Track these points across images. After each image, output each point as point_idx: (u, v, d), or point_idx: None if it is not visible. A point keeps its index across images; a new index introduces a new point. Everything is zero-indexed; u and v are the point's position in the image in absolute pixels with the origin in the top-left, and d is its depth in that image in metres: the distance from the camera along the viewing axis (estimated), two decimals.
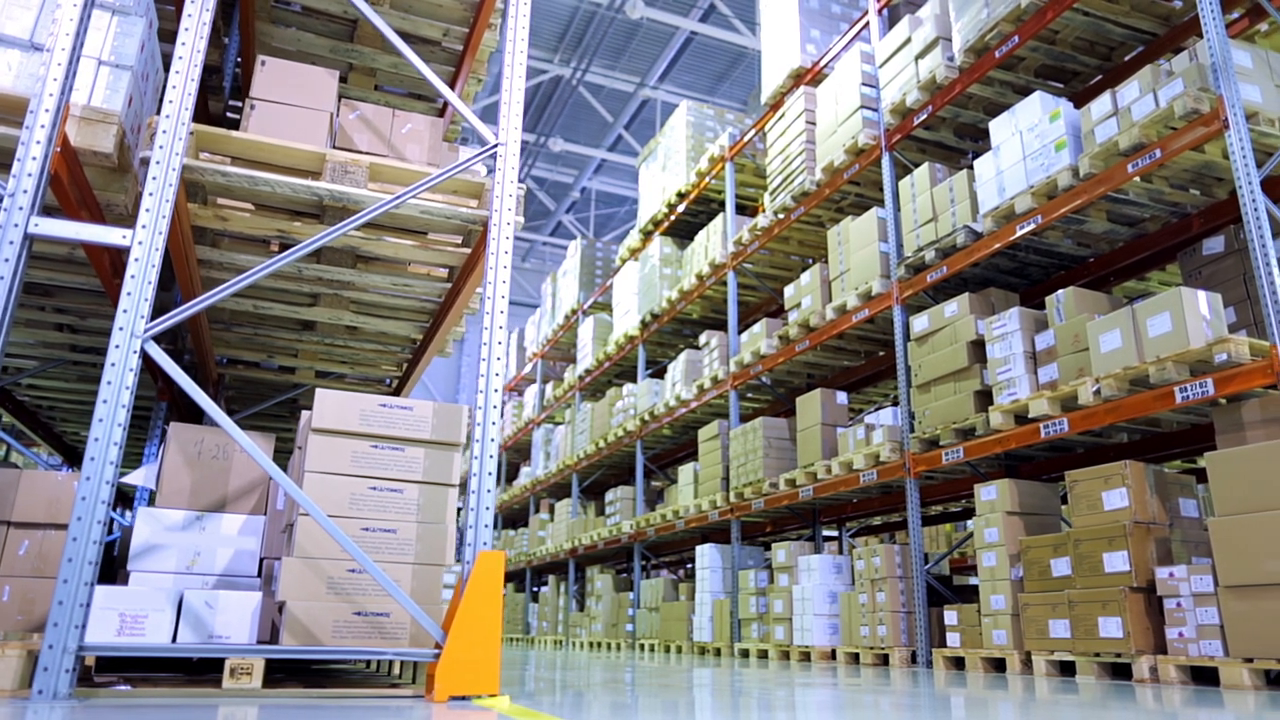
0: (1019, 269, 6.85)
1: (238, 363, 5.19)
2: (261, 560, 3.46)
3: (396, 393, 5.34)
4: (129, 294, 2.57)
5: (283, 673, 3.52)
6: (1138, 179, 5.33)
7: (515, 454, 16.23)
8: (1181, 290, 4.79)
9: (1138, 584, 4.79)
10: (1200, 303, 4.80)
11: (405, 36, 4.57)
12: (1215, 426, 4.76)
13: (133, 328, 2.54)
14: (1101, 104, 5.44)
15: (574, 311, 13.34)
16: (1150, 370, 4.83)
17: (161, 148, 2.68)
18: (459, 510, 11.27)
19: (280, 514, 3.51)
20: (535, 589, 14.60)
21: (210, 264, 3.74)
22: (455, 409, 3.11)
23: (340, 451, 2.98)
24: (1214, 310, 4.83)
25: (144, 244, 2.59)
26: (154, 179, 2.64)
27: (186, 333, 5.03)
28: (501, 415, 2.85)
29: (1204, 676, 4.69)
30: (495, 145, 3.10)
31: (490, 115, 18.19)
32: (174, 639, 2.79)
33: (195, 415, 5.23)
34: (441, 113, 5.00)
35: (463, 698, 2.57)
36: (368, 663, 4.62)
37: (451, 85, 4.80)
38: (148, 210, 2.61)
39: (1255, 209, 4.49)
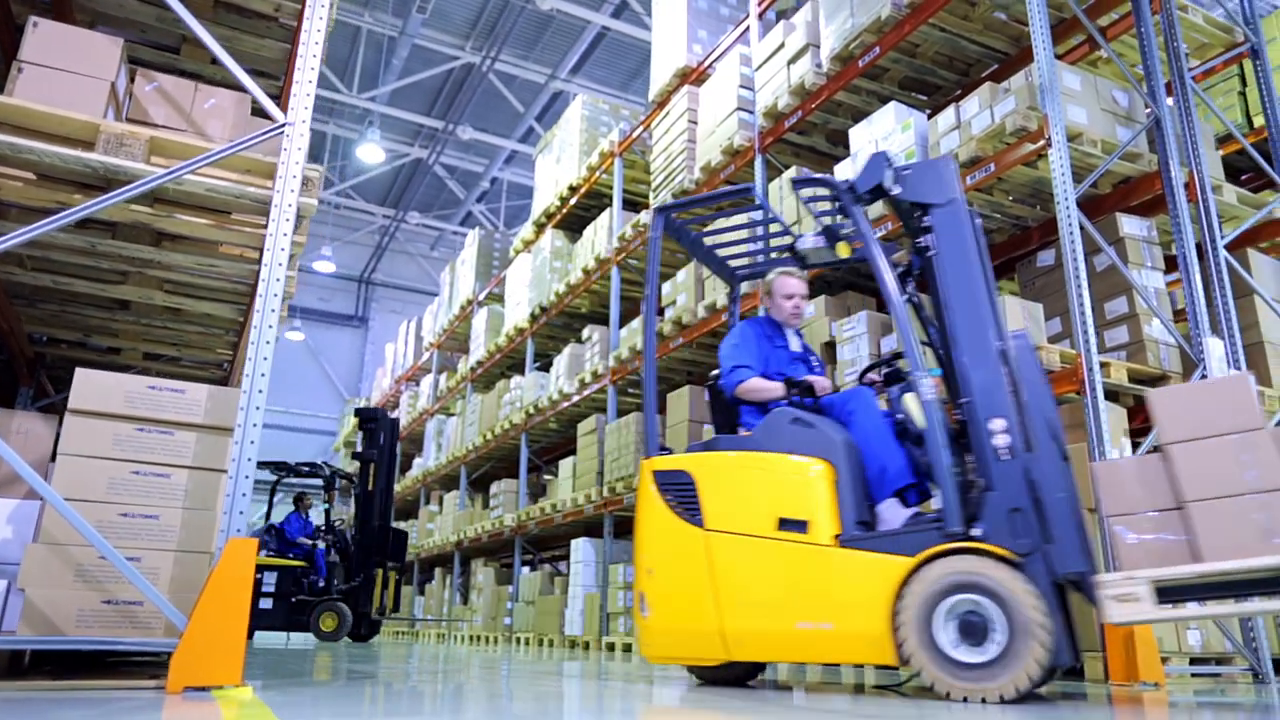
0: None
1: (59, 342, 4.96)
2: None
3: (227, 378, 5.18)
4: None
5: (54, 664, 3.37)
6: (975, 191, 5.53)
7: (410, 445, 15.97)
8: (1005, 299, 5.00)
9: None
10: (1020, 312, 5.01)
11: (236, 10, 4.43)
12: None
13: None
14: (947, 117, 5.62)
15: (470, 302, 13.18)
16: None
17: None
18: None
19: None
20: (422, 582, 14.40)
21: None
22: (231, 393, 3.02)
23: (101, 434, 2.86)
24: (1033, 319, 5.06)
25: None
26: None
27: None
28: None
29: None
30: (282, 125, 3.03)
31: (400, 98, 17.82)
32: None
33: (7, 398, 4.96)
34: (281, 91, 4.86)
35: (201, 688, 2.50)
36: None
37: (289, 62, 4.67)
38: None
39: (1070, 225, 4.70)
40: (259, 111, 3.70)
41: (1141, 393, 4.97)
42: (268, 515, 9.38)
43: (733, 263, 4.55)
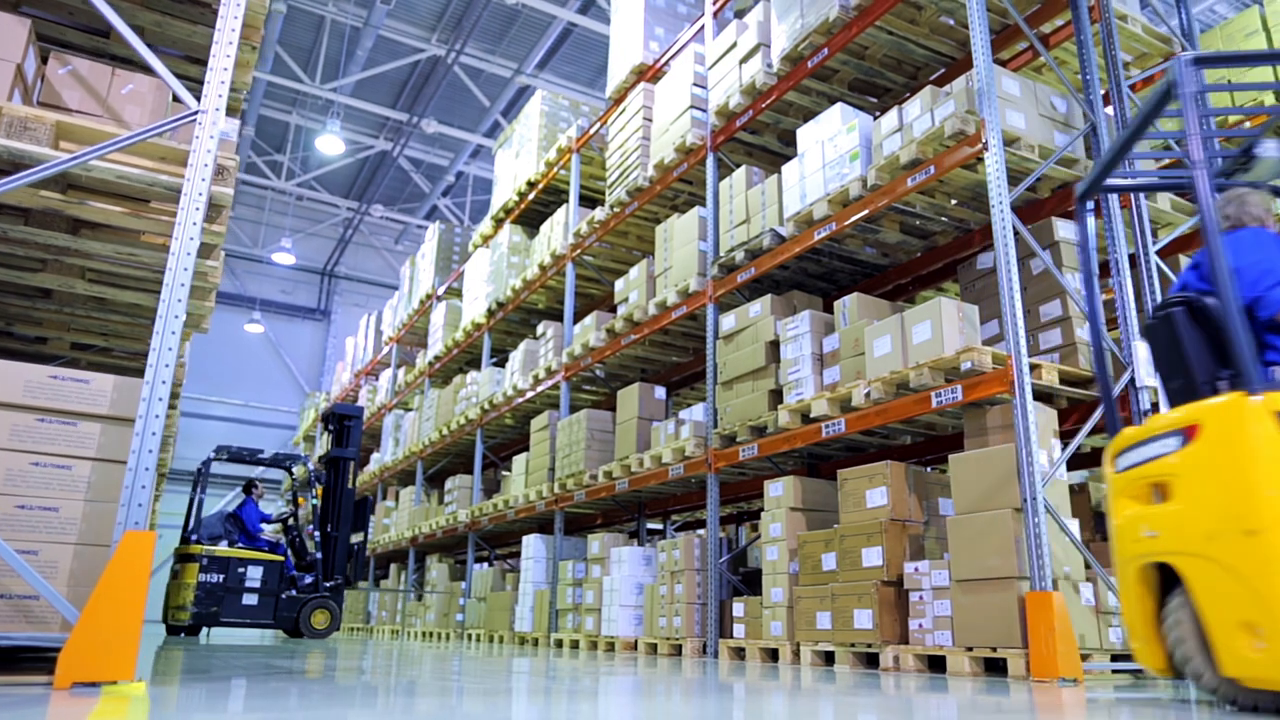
0: (827, 274, 7.09)
1: None
2: None
3: None
4: None
5: None
6: (918, 193, 5.58)
7: (368, 439, 15.83)
8: (941, 301, 5.05)
9: (889, 578, 5.03)
10: (957, 313, 5.07)
11: None
12: (965, 430, 5.05)
13: None
14: (890, 119, 5.66)
15: (429, 296, 13.09)
16: (911, 375, 5.07)
17: None
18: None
19: None
20: (378, 578, 14.28)
21: None
22: (138, 384, 2.97)
23: None
24: (970, 320, 5.11)
25: None
26: None
27: None
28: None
29: (939, 665, 4.97)
30: (195, 112, 2.98)
31: (364, 89, 17.62)
32: None
33: None
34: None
35: (91, 684, 2.46)
36: None
37: None
38: None
39: (1004, 228, 4.76)
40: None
41: (1074, 394, 5.06)
42: (188, 510, 8.82)
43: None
